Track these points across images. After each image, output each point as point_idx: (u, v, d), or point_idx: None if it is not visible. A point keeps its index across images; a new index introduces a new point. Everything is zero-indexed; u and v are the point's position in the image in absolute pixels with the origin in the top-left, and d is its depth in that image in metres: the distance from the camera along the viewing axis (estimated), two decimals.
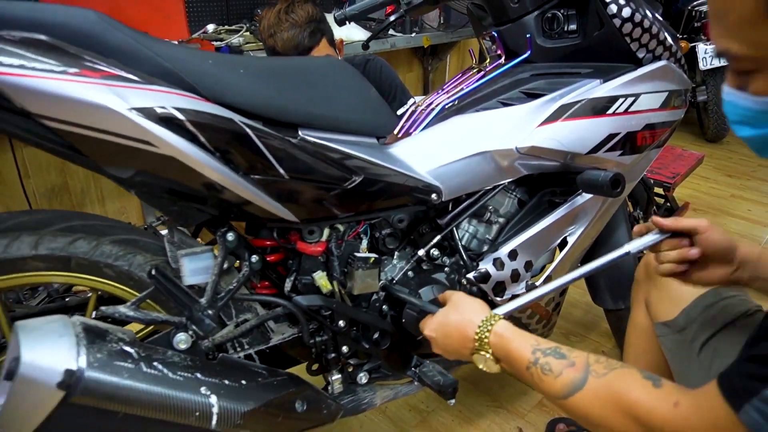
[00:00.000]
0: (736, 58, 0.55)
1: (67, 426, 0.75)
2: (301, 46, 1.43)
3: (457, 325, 0.86)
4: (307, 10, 1.42)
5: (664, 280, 0.97)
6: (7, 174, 1.92)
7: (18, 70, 0.70)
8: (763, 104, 0.55)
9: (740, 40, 0.53)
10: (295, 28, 1.41)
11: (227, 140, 0.83)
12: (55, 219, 0.88)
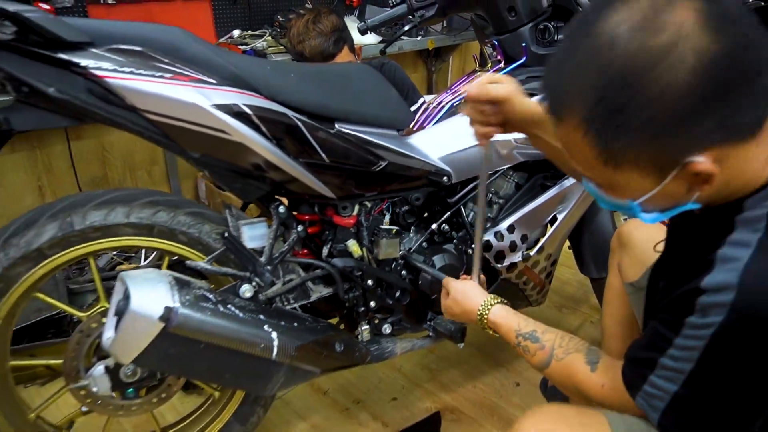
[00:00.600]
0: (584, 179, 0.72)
1: (162, 352, 0.96)
2: (326, 53, 1.63)
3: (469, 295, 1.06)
4: (332, 21, 1.63)
5: (633, 247, 1.17)
6: (56, 165, 2.13)
7: (129, 75, 0.91)
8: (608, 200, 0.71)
9: (584, 170, 0.68)
10: (321, 37, 1.61)
11: (282, 130, 1.04)
12: (141, 194, 1.09)
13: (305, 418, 1.49)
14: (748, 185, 0.65)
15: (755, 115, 0.59)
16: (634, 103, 0.57)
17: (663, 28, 0.55)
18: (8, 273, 1.00)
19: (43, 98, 0.92)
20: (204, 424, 1.26)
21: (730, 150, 0.60)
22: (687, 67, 0.55)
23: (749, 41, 0.57)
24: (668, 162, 0.60)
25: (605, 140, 0.60)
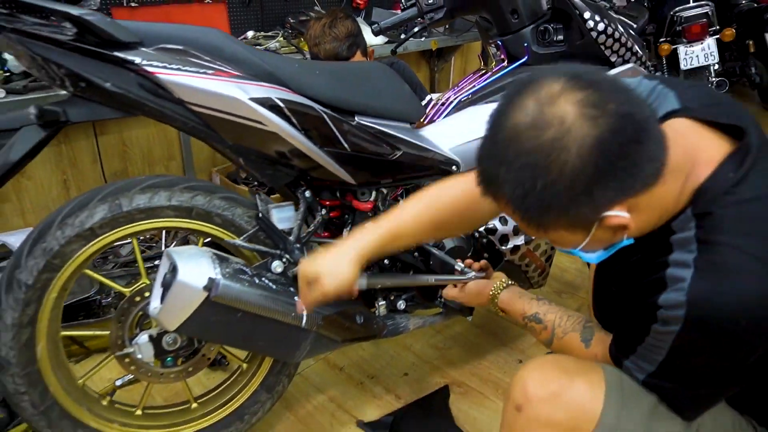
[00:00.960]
0: None
1: (204, 320, 1.07)
2: (340, 56, 1.74)
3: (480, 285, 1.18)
4: (347, 26, 1.73)
5: None
6: (80, 160, 2.24)
7: (176, 72, 1.03)
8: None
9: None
10: (336, 41, 1.72)
11: (310, 122, 1.15)
12: (180, 181, 1.20)
13: (323, 391, 1.61)
14: (669, 213, 0.77)
15: (653, 167, 0.70)
16: (541, 187, 0.68)
17: (549, 125, 0.67)
18: (64, 250, 1.11)
19: (99, 92, 1.03)
20: (233, 393, 1.37)
21: (639, 198, 0.71)
22: (574, 153, 0.66)
23: (625, 114, 0.67)
24: (585, 222, 0.72)
25: (529, 216, 0.72)
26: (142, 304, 1.20)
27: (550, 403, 0.83)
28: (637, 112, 0.68)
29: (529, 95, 0.69)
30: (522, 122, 0.69)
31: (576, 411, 0.83)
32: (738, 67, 5.11)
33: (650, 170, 0.69)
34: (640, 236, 0.80)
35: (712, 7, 3.86)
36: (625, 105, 0.67)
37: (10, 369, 1.11)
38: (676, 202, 0.77)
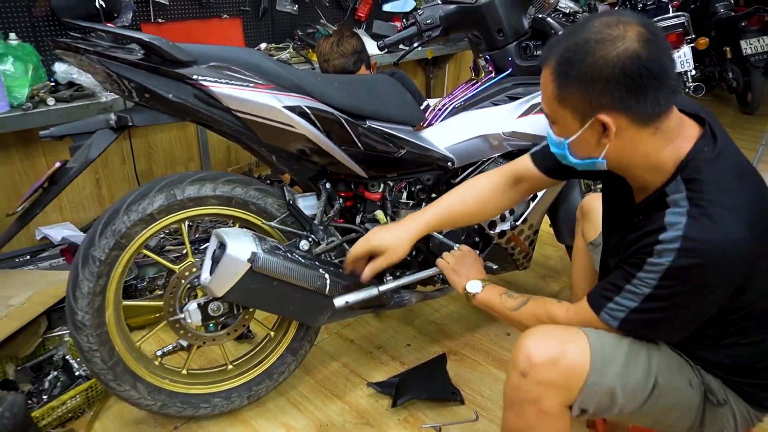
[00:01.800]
0: (545, 114, 1.05)
1: (246, 287, 1.31)
2: (347, 70, 1.97)
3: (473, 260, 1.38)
4: (352, 44, 1.97)
5: (592, 215, 1.53)
6: (111, 161, 2.47)
7: (225, 85, 1.27)
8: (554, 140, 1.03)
9: (545, 103, 1.00)
10: (343, 58, 1.96)
11: (331, 125, 1.39)
12: (222, 175, 1.44)
13: (337, 359, 1.85)
14: (649, 164, 0.98)
15: (653, 110, 0.91)
16: (581, 63, 0.90)
17: (616, 29, 0.89)
18: (129, 232, 1.34)
19: (161, 102, 1.27)
20: (263, 356, 1.61)
21: (630, 126, 0.92)
22: (619, 54, 0.88)
23: (664, 63, 0.89)
24: (587, 111, 0.93)
25: (559, 81, 0.94)
26: (191, 278, 1.43)
27: (548, 368, 0.99)
28: (670, 69, 0.91)
29: (615, 15, 0.92)
30: (599, 22, 0.92)
31: (569, 372, 0.99)
32: (716, 72, 5.40)
33: (649, 108, 0.90)
34: (616, 169, 1.01)
35: (687, 18, 4.12)
36: (668, 59, 0.90)
37: (85, 330, 1.35)
38: (657, 161, 0.97)
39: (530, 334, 1.04)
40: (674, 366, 1.07)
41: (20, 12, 2.06)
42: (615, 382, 0.99)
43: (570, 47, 0.92)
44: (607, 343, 1.02)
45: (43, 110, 1.93)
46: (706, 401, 1.05)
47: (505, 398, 1.07)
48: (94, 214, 2.46)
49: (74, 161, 1.30)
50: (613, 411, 1.02)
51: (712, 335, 1.05)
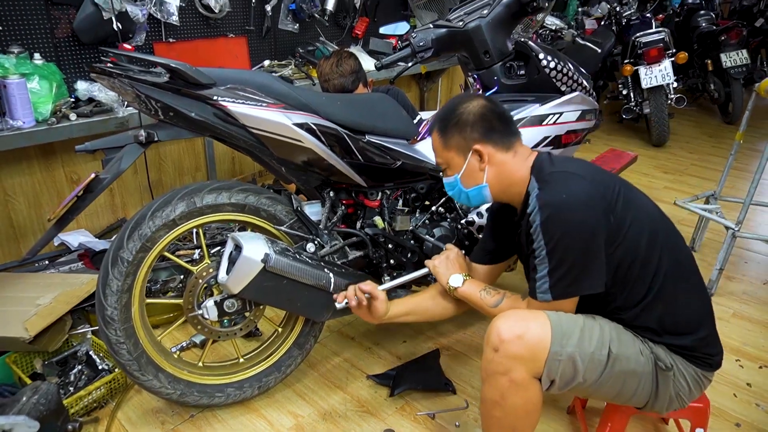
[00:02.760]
0: (438, 164, 1.39)
1: (260, 285, 1.46)
2: (346, 89, 2.12)
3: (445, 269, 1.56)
4: (351, 65, 2.13)
5: None
6: (125, 172, 2.62)
7: (241, 104, 1.43)
8: (447, 181, 1.37)
9: (437, 156, 1.39)
10: (342, 78, 2.11)
11: (335, 140, 1.56)
12: (237, 184, 1.60)
13: (339, 354, 2.00)
14: (516, 179, 1.29)
15: (508, 139, 1.31)
16: (452, 117, 1.32)
17: (469, 97, 1.34)
18: (154, 235, 1.50)
19: (183, 119, 1.43)
20: (272, 350, 1.76)
21: (497, 153, 1.30)
22: (474, 106, 1.31)
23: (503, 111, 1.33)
24: (465, 148, 1.31)
25: (441, 133, 1.34)
26: (207, 278, 1.59)
27: (515, 343, 1.16)
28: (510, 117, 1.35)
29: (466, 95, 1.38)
30: (457, 98, 1.36)
31: (534, 345, 1.16)
32: (699, 84, 5.62)
33: (504, 137, 1.31)
34: (496, 191, 1.33)
35: (668, 33, 4.33)
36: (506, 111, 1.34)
37: (114, 324, 1.49)
38: (520, 176, 1.29)
39: (500, 317, 1.23)
40: (625, 339, 1.24)
41: (44, 34, 2.22)
42: (574, 350, 1.18)
43: (444, 112, 1.36)
44: (564, 320, 1.21)
45: (65, 125, 2.08)
46: (657, 368, 1.22)
47: (482, 372, 1.25)
48: (108, 221, 2.61)
49: (107, 172, 1.46)
50: (577, 379, 1.19)
51: (632, 299, 1.24)
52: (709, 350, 1.28)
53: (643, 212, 1.26)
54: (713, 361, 1.28)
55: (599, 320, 1.25)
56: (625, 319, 1.26)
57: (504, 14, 1.84)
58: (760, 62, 6.01)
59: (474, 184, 1.34)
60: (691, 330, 1.26)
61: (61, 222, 1.48)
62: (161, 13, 2.45)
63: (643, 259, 1.22)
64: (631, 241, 1.21)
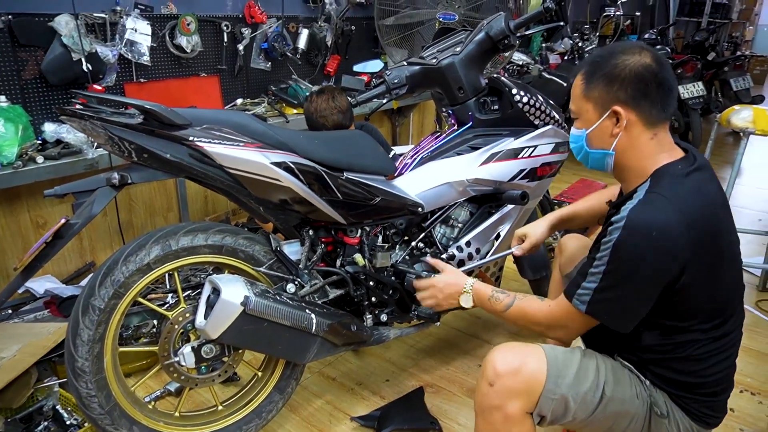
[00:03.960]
0: (572, 112, 1.27)
1: (239, 329, 1.41)
2: (342, 126, 2.14)
3: (451, 282, 1.55)
4: (345, 100, 2.14)
5: (567, 250, 1.71)
6: None
7: (218, 145, 1.41)
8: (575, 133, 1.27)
9: (574, 102, 1.24)
10: (340, 114, 2.13)
11: (313, 178, 1.54)
12: (213, 226, 1.56)
13: (321, 396, 1.94)
14: (639, 165, 1.17)
15: (657, 115, 1.15)
16: (606, 64, 1.16)
17: (637, 49, 1.15)
18: (128, 281, 1.44)
19: (158, 161, 1.40)
20: (252, 396, 1.70)
21: (638, 124, 1.15)
22: (636, 62, 1.13)
23: (669, 77, 1.14)
24: (606, 103, 1.16)
25: (587, 78, 1.19)
26: (184, 323, 1.53)
27: (511, 377, 1.15)
28: (673, 86, 1.15)
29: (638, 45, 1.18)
30: (625, 43, 1.23)
31: (529, 380, 1.15)
32: None
33: (654, 111, 1.14)
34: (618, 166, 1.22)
35: None
36: (672, 79, 1.15)
37: (84, 376, 1.42)
38: (646, 164, 1.17)
39: (496, 350, 1.21)
40: (622, 380, 1.23)
41: (10, 76, 2.17)
42: (568, 391, 1.15)
43: (599, 54, 1.19)
44: (561, 357, 1.19)
45: (32, 168, 2.02)
46: (651, 413, 1.21)
47: (476, 406, 1.22)
48: (75, 266, 2.52)
49: (77, 217, 1.40)
50: (567, 418, 1.17)
51: (664, 347, 1.20)
52: (714, 413, 1.25)
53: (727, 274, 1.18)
54: (713, 421, 1.25)
55: (597, 359, 1.23)
56: (642, 358, 1.23)
57: (476, 52, 1.88)
58: (715, 93, 6.30)
59: (600, 147, 1.21)
60: (713, 393, 1.22)
61: (28, 270, 1.41)
62: (132, 54, 2.44)
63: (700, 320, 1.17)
64: (692, 301, 1.14)
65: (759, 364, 2.18)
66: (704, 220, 1.10)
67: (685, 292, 1.12)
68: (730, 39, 10.41)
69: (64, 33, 2.16)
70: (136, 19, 2.41)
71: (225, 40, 2.82)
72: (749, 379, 2.08)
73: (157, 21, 2.54)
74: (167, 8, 2.59)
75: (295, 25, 3.16)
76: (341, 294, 1.71)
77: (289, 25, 3.12)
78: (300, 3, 3.21)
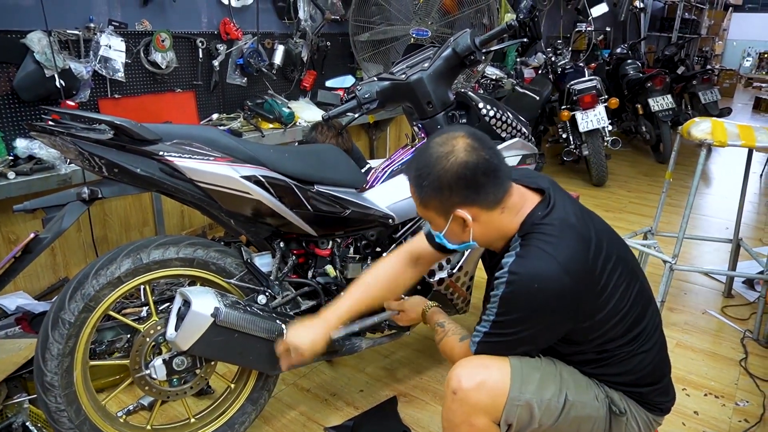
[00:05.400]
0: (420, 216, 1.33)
1: (210, 340, 1.43)
2: None
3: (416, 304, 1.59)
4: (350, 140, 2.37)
5: None
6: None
7: (188, 159, 1.43)
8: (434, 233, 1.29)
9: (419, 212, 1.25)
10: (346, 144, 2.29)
11: (283, 191, 1.57)
12: (184, 239, 1.58)
13: (294, 408, 1.95)
14: (504, 237, 1.23)
15: (495, 196, 1.17)
16: (428, 178, 1.15)
17: (447, 146, 1.14)
18: (98, 294, 1.45)
19: (129, 175, 1.42)
20: (225, 408, 1.70)
21: (482, 212, 1.18)
22: (452, 165, 1.12)
23: (490, 161, 1.14)
24: (446, 211, 1.19)
25: (418, 193, 1.20)
26: (155, 335, 1.54)
27: (476, 391, 1.18)
28: (497, 163, 1.16)
29: (446, 133, 1.19)
30: (434, 142, 1.17)
31: (493, 391, 1.18)
32: (633, 127, 5.98)
33: (490, 196, 1.16)
34: (484, 245, 1.28)
35: (600, 81, 4.62)
36: (492, 157, 1.15)
37: (54, 391, 1.42)
38: (508, 230, 1.22)
39: (460, 364, 1.24)
40: (582, 384, 1.27)
41: None
42: (532, 397, 1.18)
43: (418, 168, 1.18)
44: (525, 366, 1.21)
45: (3, 184, 2.02)
46: (610, 412, 1.25)
47: (443, 421, 1.24)
48: (48, 282, 2.51)
49: (47, 231, 1.42)
50: (533, 425, 1.20)
51: (592, 359, 1.26)
52: (663, 398, 1.32)
53: (628, 292, 1.22)
54: (665, 407, 1.33)
55: (558, 365, 1.27)
56: (585, 369, 1.28)
57: (444, 67, 1.93)
58: (685, 106, 6.48)
59: (460, 241, 1.25)
60: (651, 382, 1.29)
61: None
62: (106, 70, 2.45)
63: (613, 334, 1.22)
64: (599, 324, 1.20)
65: (723, 368, 2.24)
66: (580, 258, 1.14)
67: (582, 328, 1.19)
68: (700, 53, 10.73)
69: (36, 50, 2.17)
70: (111, 36, 2.43)
71: (200, 56, 2.85)
72: (713, 383, 2.14)
73: (131, 37, 2.57)
74: (141, 25, 2.61)
75: (271, 42, 3.20)
76: (313, 305, 1.74)
77: (265, 41, 3.16)
78: (275, 19, 3.26)
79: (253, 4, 3.07)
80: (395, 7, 3.41)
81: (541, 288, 1.11)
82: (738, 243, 2.82)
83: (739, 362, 2.27)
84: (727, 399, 2.04)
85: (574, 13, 6.23)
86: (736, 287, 2.92)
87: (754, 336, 2.44)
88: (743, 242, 2.81)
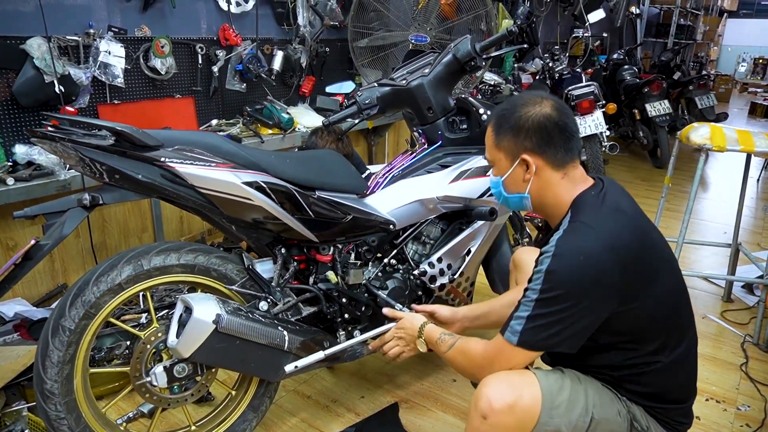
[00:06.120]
0: (487, 160, 1.35)
1: (212, 347, 1.42)
2: None
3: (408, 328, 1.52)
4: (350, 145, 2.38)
5: (522, 265, 1.75)
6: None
7: (189, 165, 1.43)
8: (493, 180, 1.34)
9: (488, 150, 1.32)
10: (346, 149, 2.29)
11: (284, 197, 1.57)
12: (185, 245, 1.58)
13: (296, 414, 1.94)
14: (557, 202, 1.25)
15: (563, 157, 1.23)
16: (511, 117, 1.24)
17: (537, 99, 1.24)
18: (99, 301, 1.44)
19: (130, 182, 1.41)
20: (225, 415, 1.69)
21: (546, 168, 1.24)
22: (537, 113, 1.21)
23: (568, 123, 1.23)
24: (515, 154, 1.25)
25: (496, 130, 1.28)
26: (156, 342, 1.53)
27: (506, 413, 1.14)
28: (574, 131, 1.24)
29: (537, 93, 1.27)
30: (525, 94, 1.28)
31: (524, 415, 1.15)
32: (630, 132, 6.00)
33: (559, 155, 1.23)
34: (536, 206, 1.30)
35: (597, 86, 4.63)
36: (572, 124, 1.24)
37: (54, 398, 1.41)
38: (562, 200, 1.25)
39: (488, 383, 1.18)
40: (606, 400, 1.25)
41: None
42: (560, 421, 1.17)
43: (504, 107, 1.29)
44: (553, 385, 1.20)
45: (2, 190, 2.01)
46: (632, 429, 1.24)
47: None
48: (47, 288, 2.49)
49: (47, 238, 1.41)
50: None
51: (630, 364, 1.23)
52: (683, 419, 1.30)
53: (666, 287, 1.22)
54: (683, 428, 1.31)
55: (584, 383, 1.24)
56: (613, 376, 1.26)
57: (444, 73, 1.94)
58: (681, 111, 6.50)
59: (516, 192, 1.30)
60: (677, 400, 1.28)
61: None
62: (106, 76, 2.45)
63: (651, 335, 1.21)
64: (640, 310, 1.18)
65: (723, 372, 2.24)
66: (626, 240, 1.15)
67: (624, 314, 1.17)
68: (695, 59, 10.79)
69: (36, 55, 2.17)
70: (110, 42, 2.43)
71: (200, 62, 2.85)
72: (714, 388, 2.14)
73: (131, 43, 2.56)
74: (141, 31, 2.61)
75: (270, 47, 3.20)
76: (314, 311, 1.73)
77: (264, 47, 3.16)
78: (274, 25, 3.26)
79: (252, 10, 3.08)
80: (394, 14, 3.42)
81: (587, 261, 1.11)
82: (737, 247, 2.82)
83: (740, 367, 2.27)
84: (729, 404, 2.04)
85: (571, 19, 6.25)
86: (736, 292, 2.92)
87: (755, 340, 2.45)
88: (742, 247, 2.81)
